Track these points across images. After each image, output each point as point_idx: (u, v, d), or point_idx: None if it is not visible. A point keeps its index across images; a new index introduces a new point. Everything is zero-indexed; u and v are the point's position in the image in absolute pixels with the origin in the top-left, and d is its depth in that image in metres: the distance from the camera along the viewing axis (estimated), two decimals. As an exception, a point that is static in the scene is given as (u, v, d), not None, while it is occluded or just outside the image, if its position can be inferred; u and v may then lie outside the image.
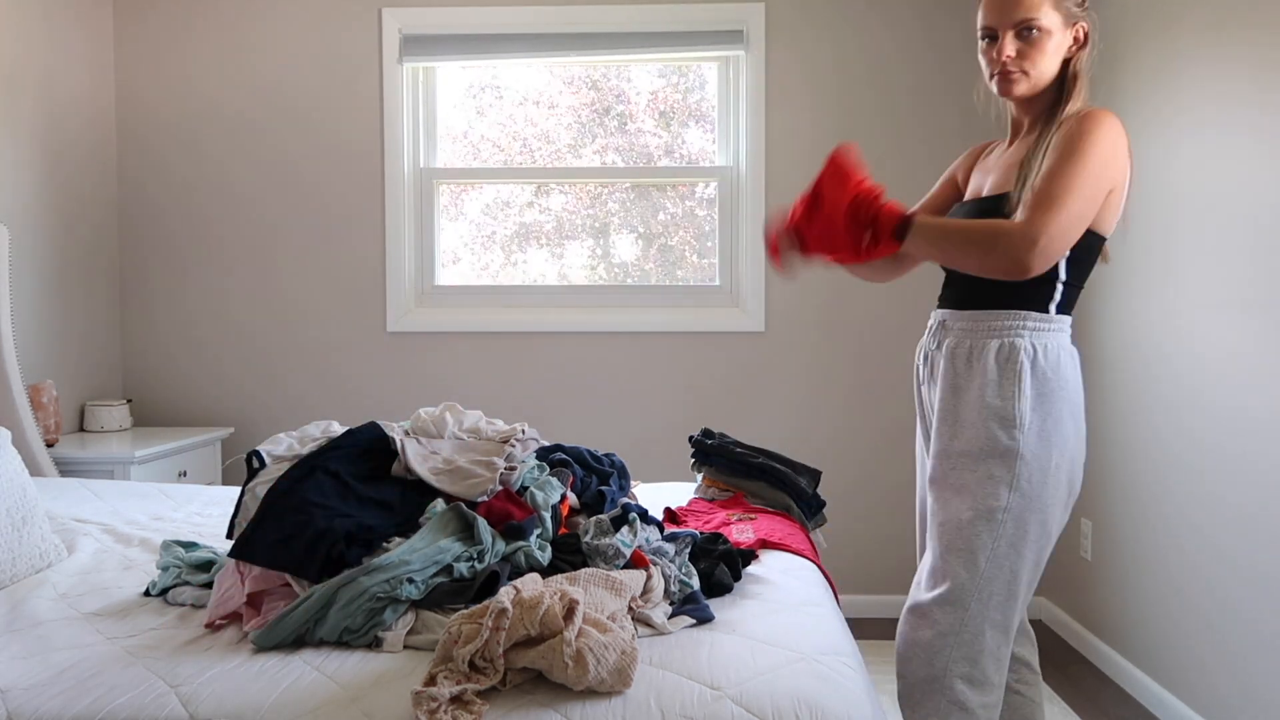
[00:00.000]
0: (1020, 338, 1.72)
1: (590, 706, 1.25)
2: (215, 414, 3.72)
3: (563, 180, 3.76)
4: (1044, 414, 1.69)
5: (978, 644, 1.72)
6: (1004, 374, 1.71)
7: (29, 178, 3.24)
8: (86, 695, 1.30)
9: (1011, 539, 1.70)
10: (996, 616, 1.72)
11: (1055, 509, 1.73)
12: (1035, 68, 1.74)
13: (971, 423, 1.73)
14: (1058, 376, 1.71)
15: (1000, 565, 1.71)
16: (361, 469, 1.73)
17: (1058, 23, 1.73)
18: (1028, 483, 1.69)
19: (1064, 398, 1.71)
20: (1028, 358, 1.71)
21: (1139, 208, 2.94)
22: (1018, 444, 1.69)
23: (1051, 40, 1.73)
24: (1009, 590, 1.72)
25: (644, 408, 3.66)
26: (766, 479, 2.24)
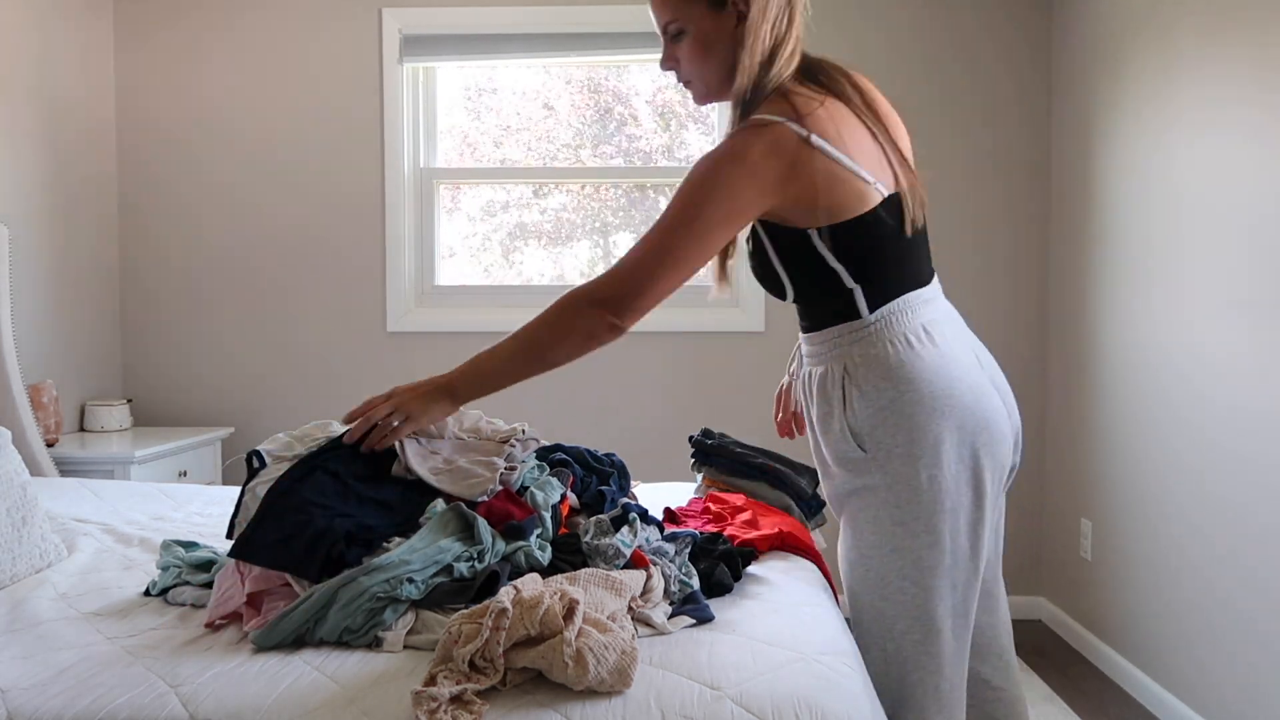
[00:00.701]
0: (836, 359, 1.52)
1: (590, 706, 1.25)
2: (215, 414, 3.72)
3: (562, 180, 3.76)
4: (892, 429, 1.46)
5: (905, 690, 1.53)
6: (830, 403, 1.52)
7: (29, 178, 3.24)
8: (86, 695, 1.30)
9: (904, 572, 1.49)
10: (920, 658, 1.51)
11: (953, 525, 1.48)
12: (695, 72, 1.54)
13: (829, 460, 1.56)
14: (897, 380, 1.46)
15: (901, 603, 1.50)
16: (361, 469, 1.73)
17: (699, 13, 1.48)
18: (897, 509, 1.48)
19: (914, 400, 1.46)
20: (848, 373, 1.50)
21: (1140, 208, 2.94)
22: (870, 473, 1.49)
23: (699, 39, 1.49)
24: (925, 627, 1.50)
25: (644, 408, 3.66)
26: (766, 479, 2.24)
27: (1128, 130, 3.02)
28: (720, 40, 1.50)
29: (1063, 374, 3.50)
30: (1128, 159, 3.02)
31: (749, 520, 2.03)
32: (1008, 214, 3.63)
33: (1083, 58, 3.33)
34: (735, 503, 2.14)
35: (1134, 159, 2.98)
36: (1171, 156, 2.77)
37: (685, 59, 1.54)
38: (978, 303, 3.65)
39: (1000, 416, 1.53)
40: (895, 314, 1.50)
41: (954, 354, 1.52)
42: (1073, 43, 3.41)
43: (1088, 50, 3.29)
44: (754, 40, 1.47)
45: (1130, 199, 3.00)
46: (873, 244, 1.49)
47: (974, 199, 3.63)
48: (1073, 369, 3.40)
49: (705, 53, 1.51)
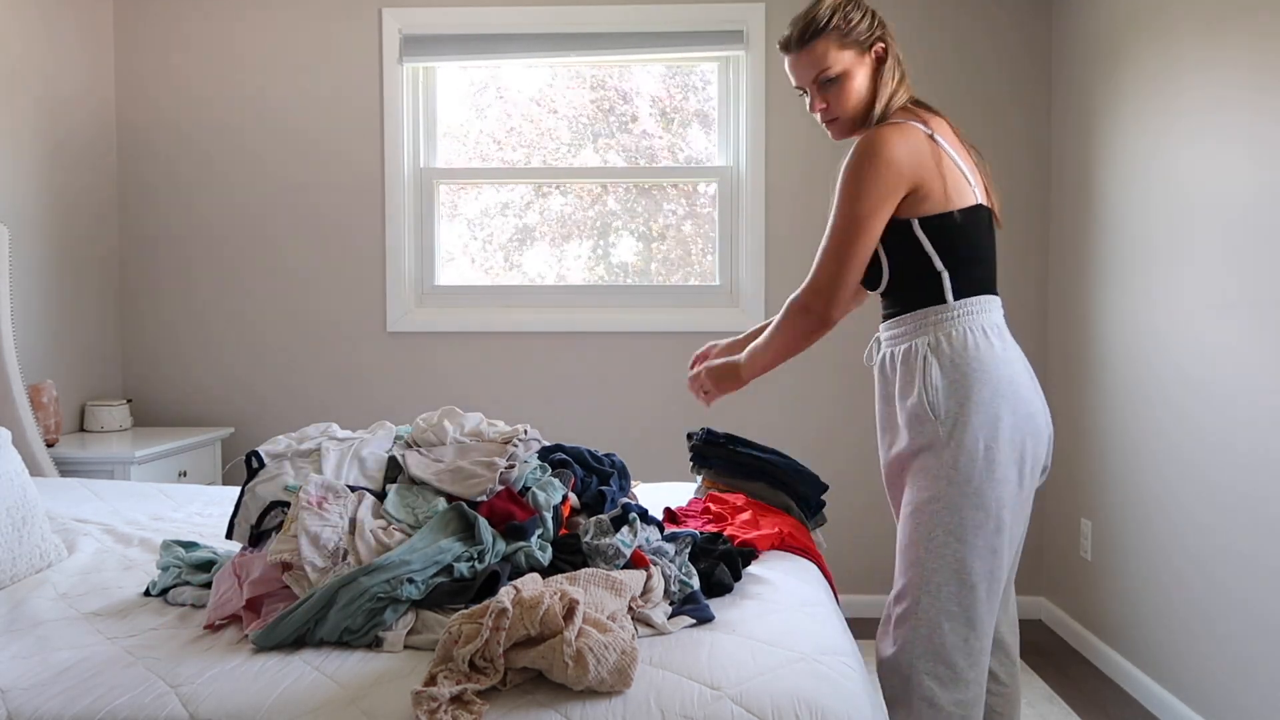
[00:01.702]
0: (922, 335, 1.77)
1: (590, 706, 1.25)
2: (215, 414, 3.72)
3: (563, 180, 3.77)
4: (961, 400, 1.71)
5: (937, 638, 1.71)
6: (912, 373, 1.76)
7: (29, 177, 3.25)
8: (86, 695, 1.30)
9: (949, 527, 1.71)
10: (952, 608, 1.71)
11: (998, 493, 1.71)
12: (845, 109, 1.84)
13: (899, 427, 1.79)
14: (969, 359, 1.72)
15: (942, 556, 1.71)
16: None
17: (850, 59, 1.82)
18: (954, 469, 1.70)
19: (984, 380, 1.72)
20: (931, 350, 1.75)
21: (1139, 208, 2.95)
22: (939, 435, 1.71)
23: (852, 80, 1.82)
24: (960, 580, 1.71)
25: (644, 408, 3.66)
26: (766, 479, 2.24)
27: (1127, 130, 3.02)
28: (865, 80, 1.83)
29: (1063, 374, 3.50)
30: (1127, 158, 3.02)
31: (749, 520, 2.03)
32: (1007, 214, 3.63)
33: (1083, 58, 3.33)
34: (735, 503, 2.15)
35: (1134, 158, 2.98)
36: (1171, 156, 2.77)
37: (835, 100, 1.84)
38: (978, 303, 3.65)
39: (1043, 419, 1.79)
40: (974, 307, 1.77)
41: (1012, 356, 1.78)
42: (1073, 43, 3.41)
43: (1088, 50, 3.29)
44: (890, 78, 1.83)
45: (1130, 198, 3.00)
46: (965, 238, 1.77)
47: (974, 199, 3.63)
48: (1073, 369, 3.41)
49: (854, 92, 1.83)
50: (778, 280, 3.59)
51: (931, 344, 1.75)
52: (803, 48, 1.83)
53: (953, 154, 1.77)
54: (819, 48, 1.81)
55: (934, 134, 1.76)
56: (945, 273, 1.75)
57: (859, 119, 1.85)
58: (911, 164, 1.73)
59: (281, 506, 1.72)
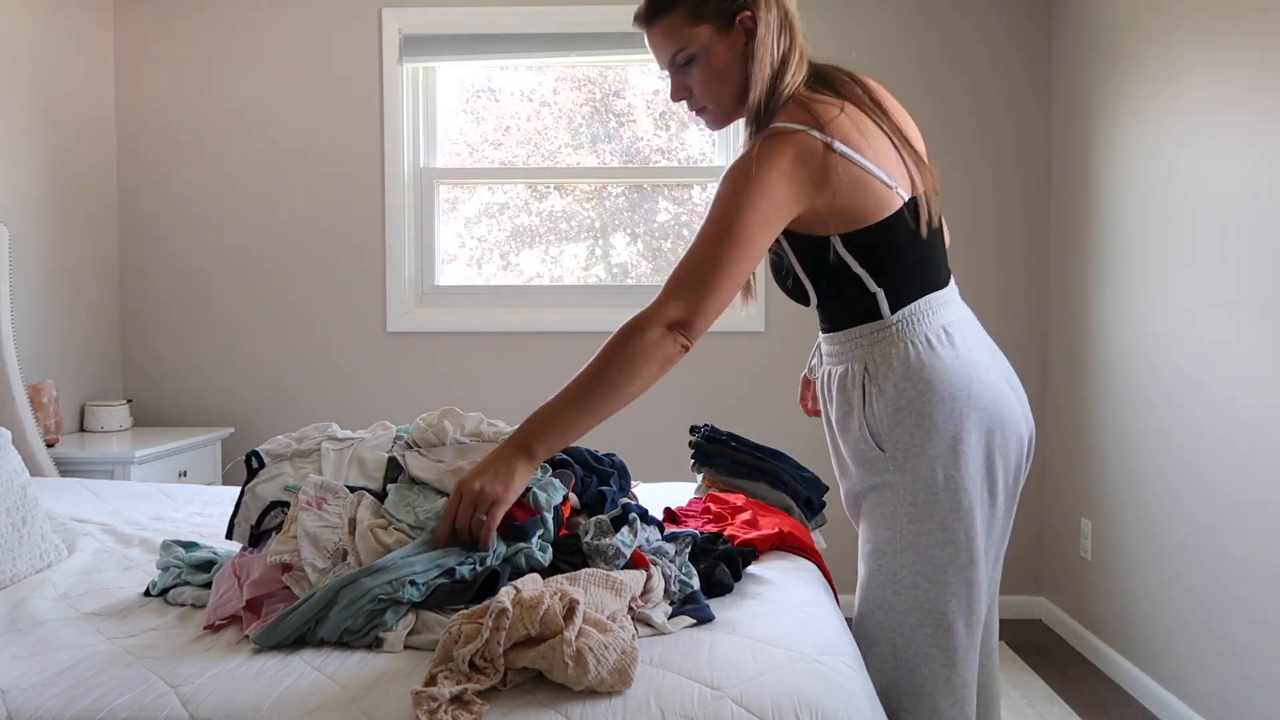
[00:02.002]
0: (856, 359, 1.53)
1: (590, 706, 1.25)
2: (215, 414, 3.72)
3: (561, 180, 3.76)
4: (911, 427, 1.48)
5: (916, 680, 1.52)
6: (850, 402, 1.54)
7: (29, 178, 3.24)
8: (86, 695, 1.30)
9: (916, 567, 1.50)
10: (931, 650, 1.51)
11: (966, 524, 1.49)
12: (710, 96, 1.55)
13: (847, 458, 1.59)
14: (918, 379, 1.48)
15: (913, 597, 1.51)
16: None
17: (708, 35, 1.50)
18: (912, 506, 1.49)
19: (936, 398, 1.47)
20: (869, 376, 1.51)
21: (1139, 208, 2.95)
22: (889, 470, 1.50)
23: (711, 60, 1.51)
24: (936, 622, 1.50)
25: (644, 408, 3.66)
26: (766, 479, 2.24)
27: (1127, 130, 3.02)
28: (732, 60, 1.51)
29: (1063, 374, 3.50)
30: (1127, 159, 3.02)
31: (749, 520, 2.03)
32: (1007, 214, 3.63)
33: (1083, 58, 3.33)
34: (735, 503, 2.14)
35: (1134, 158, 2.98)
36: (1171, 156, 2.77)
37: (698, 85, 1.55)
38: (977, 303, 3.64)
39: (1015, 416, 1.55)
40: (916, 315, 1.51)
41: (972, 356, 1.53)
42: (1073, 43, 3.41)
43: (1088, 50, 3.29)
44: (764, 53, 1.48)
45: (1130, 199, 3.00)
46: (893, 248, 1.50)
47: (974, 199, 3.63)
48: (1073, 369, 3.40)
49: (719, 75, 1.53)
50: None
51: (870, 369, 1.51)
52: (652, 23, 1.54)
53: (861, 160, 1.46)
54: (669, 23, 1.51)
55: (834, 143, 1.44)
56: (880, 291, 1.51)
57: (735, 104, 1.54)
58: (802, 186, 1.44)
59: (281, 506, 1.72)
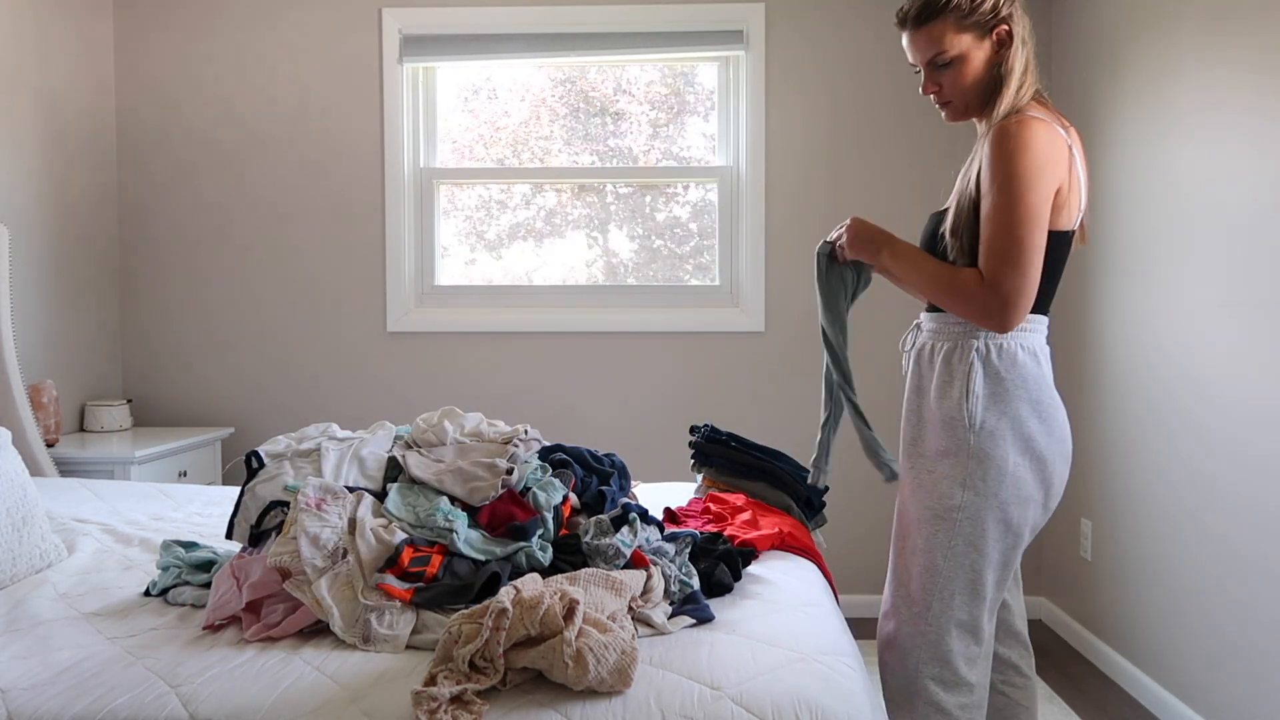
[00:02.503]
0: (975, 339, 1.71)
1: (590, 706, 1.25)
2: (215, 414, 3.72)
3: (562, 180, 3.77)
4: (999, 413, 1.68)
5: (944, 645, 1.72)
6: (955, 375, 1.72)
7: (29, 178, 3.24)
8: (86, 695, 1.30)
9: (969, 538, 1.70)
10: (962, 616, 1.72)
11: (1020, 508, 1.70)
12: (959, 93, 1.74)
13: (930, 423, 1.74)
14: (1014, 375, 1.69)
15: (959, 564, 1.70)
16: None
17: (968, 42, 1.70)
18: (983, 481, 1.68)
19: (1023, 396, 1.69)
20: (979, 357, 1.70)
21: (1139, 208, 2.94)
22: (970, 444, 1.68)
23: (968, 63, 1.71)
24: (972, 590, 1.71)
25: (644, 408, 3.66)
26: (766, 479, 2.24)
27: (1127, 130, 3.02)
28: (984, 65, 1.72)
29: (1063, 374, 3.50)
30: (1127, 158, 3.02)
31: (749, 520, 2.03)
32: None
33: (1083, 58, 3.33)
34: (735, 503, 2.14)
35: (1134, 158, 2.98)
36: (1171, 156, 2.77)
37: (951, 84, 1.74)
38: (978, 303, 3.64)
39: (1071, 444, 1.78)
40: (1029, 325, 1.73)
41: (1051, 379, 1.76)
42: (1073, 43, 3.41)
43: (1088, 50, 3.29)
44: (1014, 61, 1.71)
45: (1130, 198, 3.00)
46: (1054, 259, 1.70)
47: (974, 199, 3.63)
48: (1073, 369, 3.41)
49: (969, 77, 1.72)
50: (777, 280, 3.59)
51: (981, 351, 1.70)
52: (919, 27, 1.72)
53: (1080, 170, 1.70)
54: (936, 29, 1.71)
55: (1072, 145, 1.68)
56: None
57: (975, 104, 1.75)
58: (1058, 169, 1.64)
59: (281, 506, 1.73)
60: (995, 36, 1.71)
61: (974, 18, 1.69)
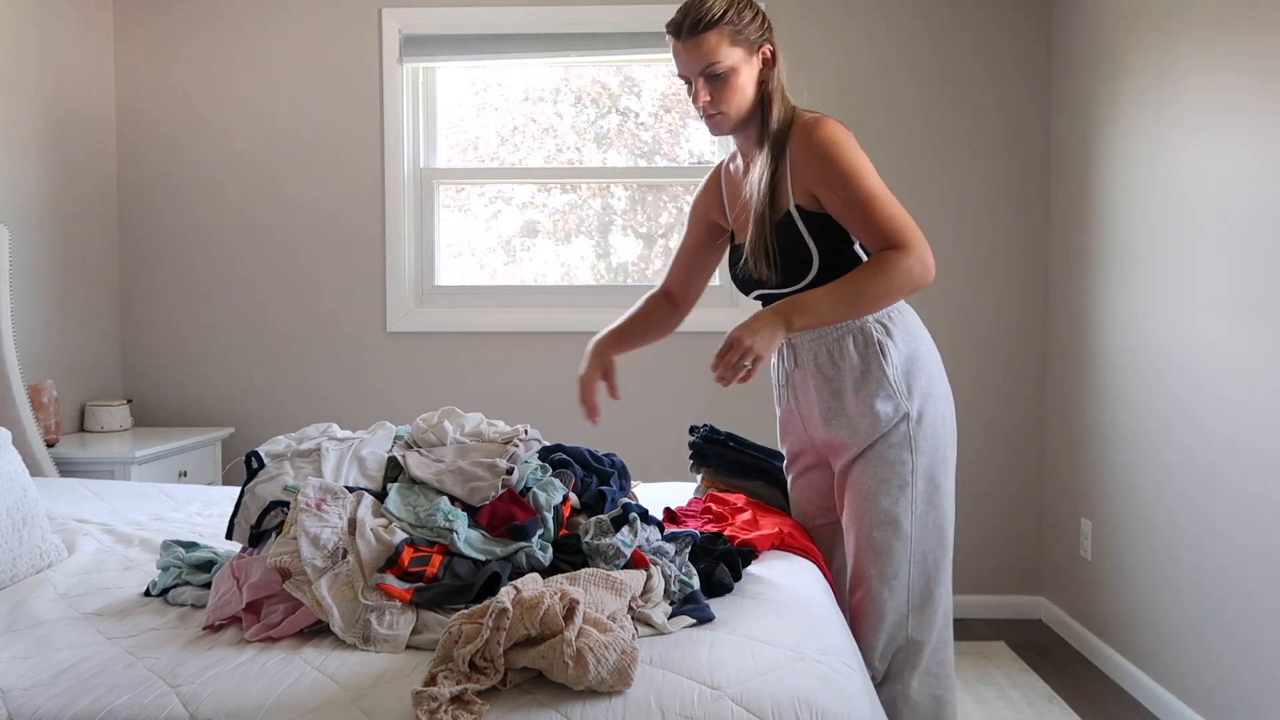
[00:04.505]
0: (867, 322, 1.83)
1: (590, 706, 1.25)
2: (215, 414, 3.72)
3: (563, 180, 3.77)
4: (914, 374, 1.83)
5: (931, 602, 1.85)
6: (868, 356, 1.82)
7: (29, 178, 3.24)
8: (86, 695, 1.30)
9: (926, 496, 1.83)
10: (937, 573, 1.86)
11: (951, 453, 1.88)
12: (731, 105, 1.84)
13: (862, 413, 1.83)
14: (912, 336, 1.85)
15: (925, 524, 1.84)
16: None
17: (740, 56, 1.81)
18: (925, 440, 1.82)
19: (924, 353, 1.86)
20: (884, 334, 1.83)
21: (1139, 208, 2.94)
22: (905, 409, 1.81)
23: (739, 76, 1.82)
24: (941, 542, 1.86)
25: (644, 408, 3.66)
26: (765, 479, 2.24)
27: (1128, 129, 3.02)
28: (751, 81, 1.85)
29: (1062, 373, 3.50)
30: (1128, 158, 3.02)
31: (749, 520, 2.03)
32: (1008, 213, 3.64)
33: (1083, 57, 3.33)
34: (735, 503, 2.14)
35: (1134, 158, 2.98)
36: (1172, 155, 2.77)
37: (721, 95, 1.84)
38: (978, 301, 3.65)
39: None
40: None
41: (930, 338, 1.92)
42: (1073, 43, 3.41)
43: (1088, 50, 3.29)
44: (780, 80, 1.87)
45: (1131, 198, 3.00)
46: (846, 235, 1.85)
47: (974, 198, 3.63)
48: (1073, 368, 3.41)
49: (740, 90, 1.83)
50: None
51: (880, 328, 1.83)
52: (693, 37, 1.80)
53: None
54: (710, 40, 1.79)
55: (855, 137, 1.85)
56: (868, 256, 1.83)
57: (744, 117, 1.86)
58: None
59: (281, 506, 1.72)
60: (761, 55, 1.85)
61: (744, 34, 1.81)
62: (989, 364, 3.64)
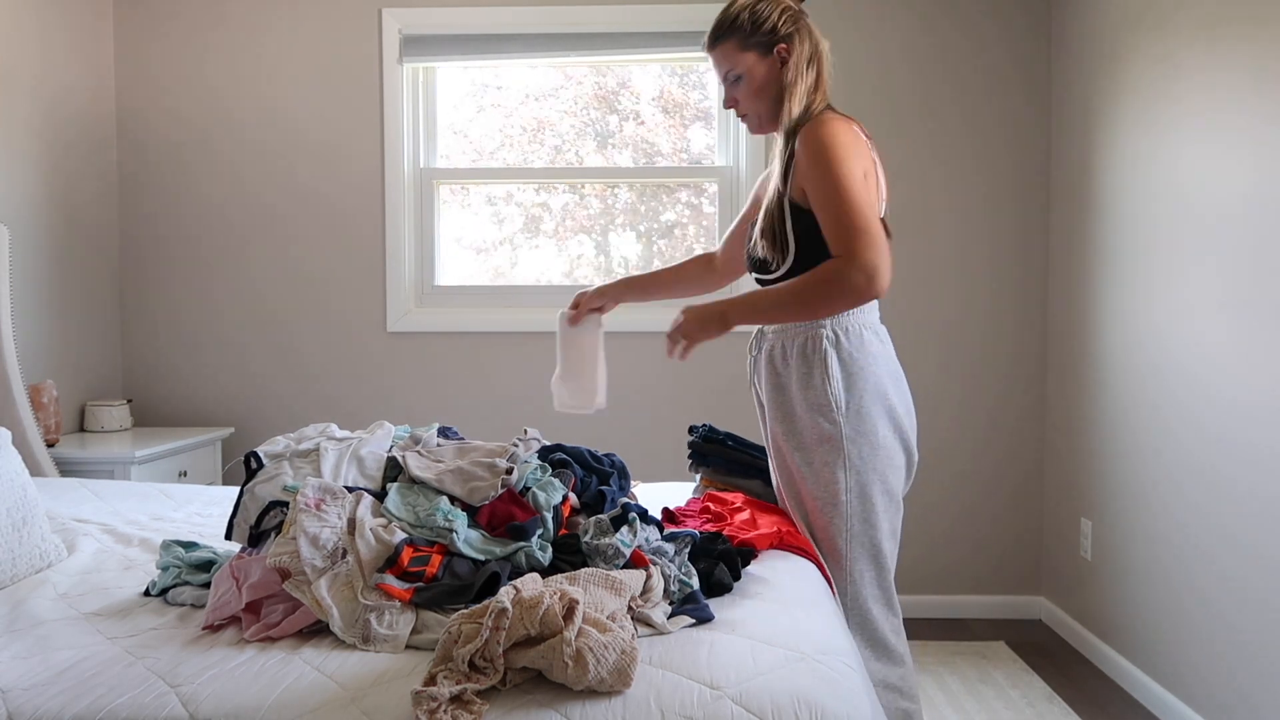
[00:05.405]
0: (823, 328, 1.86)
1: (590, 706, 1.25)
2: (215, 414, 3.72)
3: (563, 180, 3.77)
4: (858, 392, 1.84)
5: (870, 624, 1.85)
6: (813, 365, 1.86)
7: (29, 178, 3.25)
8: (86, 695, 1.30)
9: (861, 514, 1.85)
10: (875, 591, 1.86)
11: (895, 475, 1.88)
12: (752, 107, 1.93)
13: (800, 415, 1.88)
14: (864, 355, 1.85)
15: (859, 542, 1.86)
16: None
17: (751, 60, 1.89)
18: (860, 459, 1.84)
19: (874, 373, 1.85)
20: (830, 344, 1.85)
21: (1139, 208, 2.95)
22: (841, 426, 1.84)
23: (755, 79, 1.90)
24: (876, 563, 1.87)
25: (644, 408, 3.66)
26: (764, 478, 2.24)
27: (1128, 129, 3.02)
28: (770, 81, 1.90)
29: (1063, 373, 3.50)
30: (1128, 157, 3.02)
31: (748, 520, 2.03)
32: (1008, 213, 3.63)
33: (1082, 57, 3.33)
34: (734, 503, 2.14)
35: (1134, 157, 2.98)
36: (1172, 155, 2.77)
37: (743, 98, 1.94)
38: (978, 301, 3.65)
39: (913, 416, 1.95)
40: (866, 308, 1.89)
41: (892, 354, 1.93)
42: (1073, 42, 3.41)
43: (1088, 49, 3.29)
44: (796, 76, 1.88)
45: (1131, 198, 3.00)
46: None
47: (974, 198, 3.63)
48: (1073, 368, 3.41)
49: (759, 92, 1.91)
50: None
51: (831, 338, 1.85)
52: (713, 48, 1.93)
53: (877, 160, 1.88)
54: (725, 48, 1.91)
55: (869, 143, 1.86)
56: None
57: (769, 116, 1.92)
58: (862, 154, 1.81)
59: (280, 506, 1.72)
60: (777, 54, 1.89)
61: (755, 38, 1.88)
62: (989, 364, 3.64)
